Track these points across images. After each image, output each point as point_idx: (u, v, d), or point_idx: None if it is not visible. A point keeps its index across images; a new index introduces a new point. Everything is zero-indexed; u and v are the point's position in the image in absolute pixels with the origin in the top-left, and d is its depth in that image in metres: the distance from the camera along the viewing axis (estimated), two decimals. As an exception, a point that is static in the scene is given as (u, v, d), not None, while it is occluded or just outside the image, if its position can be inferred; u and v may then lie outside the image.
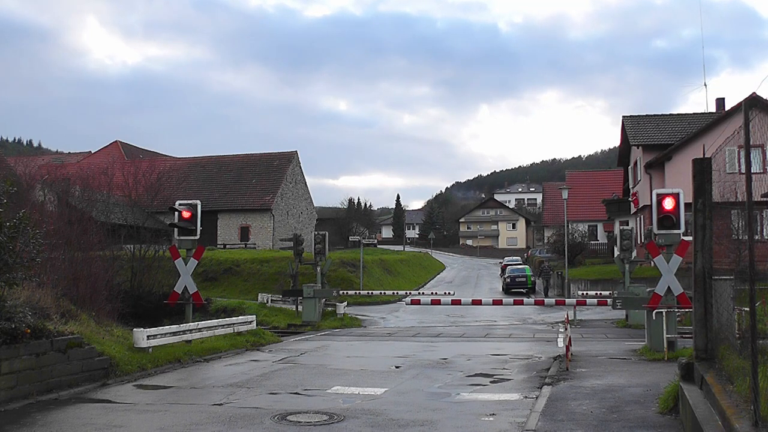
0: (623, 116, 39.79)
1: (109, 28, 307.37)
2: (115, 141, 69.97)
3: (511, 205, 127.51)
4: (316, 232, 26.55)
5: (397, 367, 13.80)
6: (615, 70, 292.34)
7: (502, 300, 25.93)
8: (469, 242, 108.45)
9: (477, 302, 24.26)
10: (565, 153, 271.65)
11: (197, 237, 16.54)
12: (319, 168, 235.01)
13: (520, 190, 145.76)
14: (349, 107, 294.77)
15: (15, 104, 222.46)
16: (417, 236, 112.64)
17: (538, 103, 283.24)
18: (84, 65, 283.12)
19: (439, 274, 60.58)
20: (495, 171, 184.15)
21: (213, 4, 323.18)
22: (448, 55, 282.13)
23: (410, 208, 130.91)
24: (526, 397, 10.51)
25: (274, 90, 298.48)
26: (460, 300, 24.14)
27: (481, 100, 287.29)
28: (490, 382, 12.06)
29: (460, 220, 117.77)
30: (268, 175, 59.87)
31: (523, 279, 41.79)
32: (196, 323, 16.48)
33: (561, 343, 16.96)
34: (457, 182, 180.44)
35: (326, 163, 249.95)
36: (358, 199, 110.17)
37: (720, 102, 40.25)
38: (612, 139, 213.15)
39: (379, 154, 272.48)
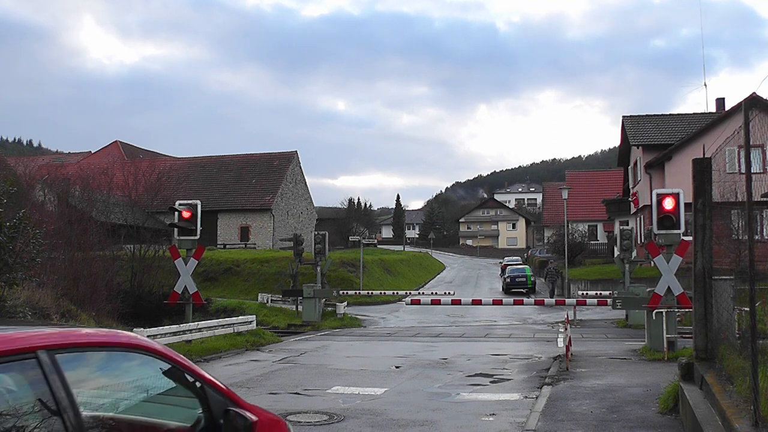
0: (623, 116, 39.79)
1: (107, 27, 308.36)
2: (115, 141, 69.93)
3: (511, 205, 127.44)
4: (316, 232, 26.55)
5: (397, 367, 13.80)
6: (613, 69, 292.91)
7: (502, 300, 25.92)
8: (469, 242, 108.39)
9: (477, 302, 24.24)
10: (565, 153, 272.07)
11: (197, 237, 16.54)
12: (317, 168, 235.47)
13: (520, 190, 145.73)
14: (348, 107, 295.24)
15: (14, 104, 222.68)
16: (417, 236, 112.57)
17: (536, 102, 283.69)
18: (82, 65, 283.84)
19: (439, 274, 60.56)
20: (495, 171, 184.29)
21: (210, 4, 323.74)
22: (446, 55, 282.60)
23: (410, 208, 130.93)
24: (526, 397, 10.51)
25: (272, 90, 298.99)
26: (460, 300, 24.12)
27: (479, 100, 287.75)
28: (490, 382, 12.06)
29: (460, 220, 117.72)
30: (268, 175, 59.85)
31: (523, 279, 41.77)
32: (196, 323, 16.48)
33: (561, 343, 16.97)
34: (456, 182, 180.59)
35: (325, 163, 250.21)
36: (358, 199, 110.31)
37: (720, 102, 40.24)
38: (612, 139, 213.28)
39: (378, 154, 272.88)
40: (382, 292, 37.05)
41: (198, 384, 3.43)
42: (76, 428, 2.51)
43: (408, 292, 37.95)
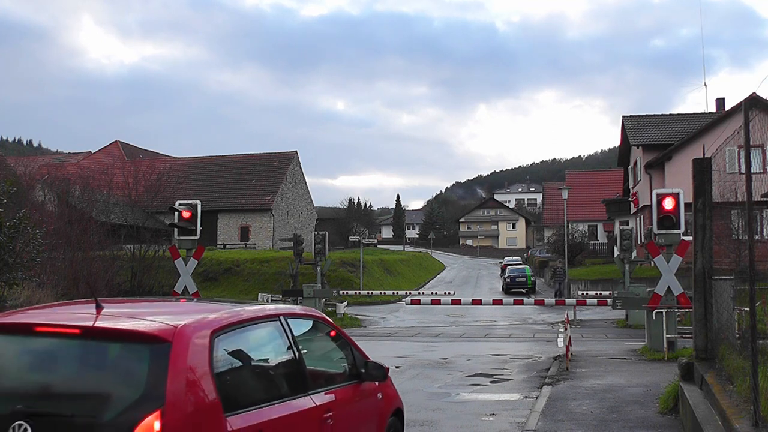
0: (623, 116, 39.80)
1: (106, 27, 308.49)
2: (115, 141, 69.90)
3: (511, 205, 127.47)
4: (316, 232, 26.55)
5: (397, 367, 13.79)
6: (613, 69, 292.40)
7: (502, 300, 25.91)
8: (469, 242, 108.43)
9: (477, 302, 24.20)
10: (565, 153, 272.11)
11: (197, 237, 16.53)
12: (317, 168, 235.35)
13: (520, 190, 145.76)
14: (347, 107, 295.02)
15: (14, 104, 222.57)
16: (417, 236, 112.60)
17: (536, 102, 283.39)
18: (81, 65, 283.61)
19: (439, 274, 60.58)
20: (495, 171, 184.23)
21: (209, 4, 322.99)
22: (446, 55, 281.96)
23: (410, 208, 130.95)
24: (526, 397, 10.52)
25: (272, 90, 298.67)
26: (460, 300, 24.09)
27: (479, 100, 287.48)
28: (490, 382, 12.07)
29: (460, 220, 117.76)
30: (268, 175, 59.85)
31: (523, 279, 41.78)
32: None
33: (561, 343, 16.97)
34: (456, 182, 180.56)
35: (325, 162, 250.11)
36: (358, 199, 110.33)
37: (720, 102, 40.26)
38: (612, 139, 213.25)
39: (377, 153, 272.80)
40: (382, 292, 37.04)
41: (347, 345, 5.51)
42: (299, 356, 4.66)
43: (408, 292, 37.93)
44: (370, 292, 36.07)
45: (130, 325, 3.79)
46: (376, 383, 5.52)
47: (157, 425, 3.33)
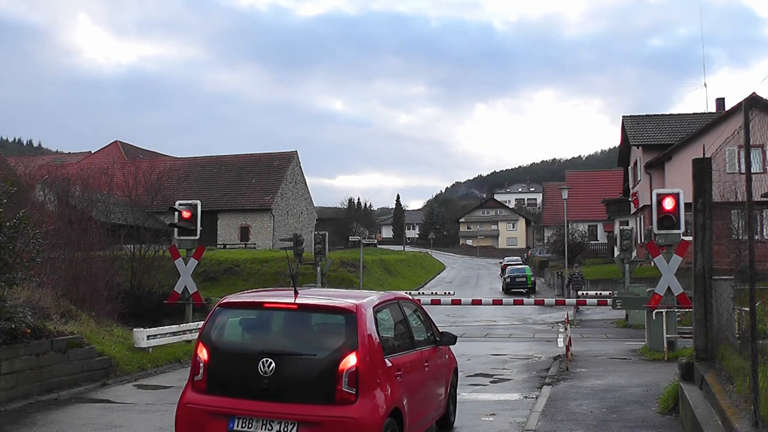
0: (623, 116, 39.79)
1: (103, 26, 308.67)
2: (115, 141, 69.90)
3: (511, 205, 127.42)
4: (316, 232, 26.53)
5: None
6: (611, 68, 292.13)
7: (502, 300, 25.88)
8: (469, 242, 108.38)
9: (477, 302, 24.16)
10: (565, 153, 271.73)
11: (197, 237, 16.54)
12: (316, 168, 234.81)
13: (520, 190, 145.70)
14: (345, 107, 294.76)
15: (13, 104, 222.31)
16: (417, 236, 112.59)
17: (534, 102, 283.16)
18: (79, 64, 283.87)
19: (439, 274, 60.53)
20: (495, 171, 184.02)
21: (205, 3, 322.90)
22: (443, 54, 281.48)
23: (410, 208, 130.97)
24: (526, 397, 10.52)
25: (269, 89, 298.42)
26: (460, 300, 24.03)
27: (476, 99, 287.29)
28: (490, 382, 12.06)
29: (460, 220, 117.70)
30: (268, 175, 59.83)
31: (523, 279, 41.76)
32: (196, 323, 16.45)
33: (561, 343, 16.96)
34: (456, 182, 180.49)
35: (323, 162, 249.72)
36: (358, 199, 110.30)
37: (720, 102, 40.26)
38: (611, 139, 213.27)
39: (376, 153, 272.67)
40: (382, 292, 37.00)
41: (430, 320, 8.00)
42: (409, 325, 7.19)
43: (408, 292, 37.79)
44: (370, 292, 36.01)
45: (327, 302, 6.18)
46: (444, 347, 8.12)
47: (353, 359, 5.60)
